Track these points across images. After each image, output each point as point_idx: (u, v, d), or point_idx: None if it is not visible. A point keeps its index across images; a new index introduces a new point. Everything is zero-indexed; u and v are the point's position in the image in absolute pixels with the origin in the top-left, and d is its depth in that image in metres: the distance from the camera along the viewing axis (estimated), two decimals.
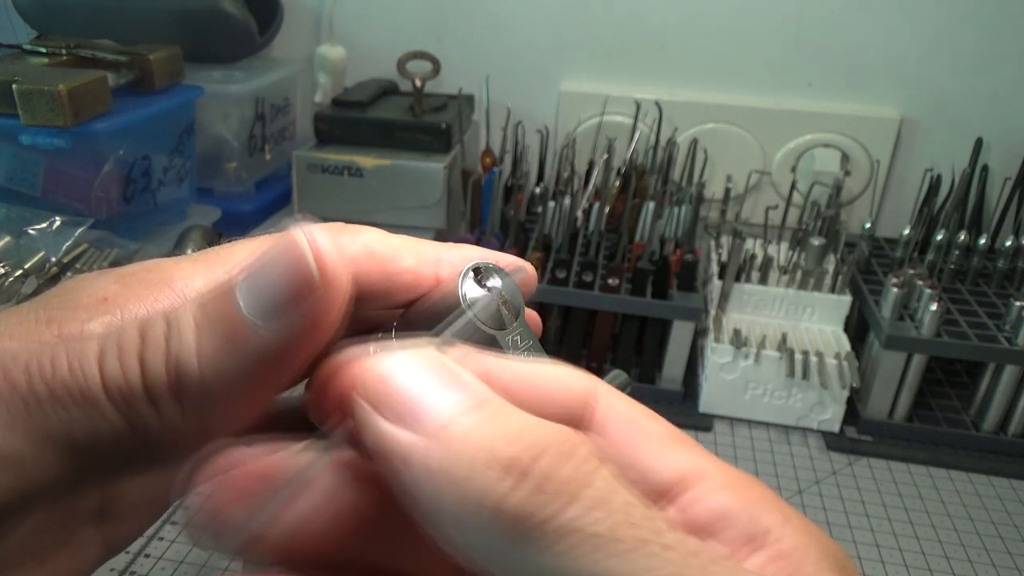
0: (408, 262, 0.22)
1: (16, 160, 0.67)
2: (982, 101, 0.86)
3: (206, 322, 0.17)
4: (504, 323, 0.21)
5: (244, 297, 0.17)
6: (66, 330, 0.18)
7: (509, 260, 0.23)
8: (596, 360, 0.75)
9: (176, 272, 0.20)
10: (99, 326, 0.19)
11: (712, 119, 0.89)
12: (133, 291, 0.19)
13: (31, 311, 0.19)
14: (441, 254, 0.23)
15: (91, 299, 0.19)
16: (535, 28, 0.91)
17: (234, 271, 0.18)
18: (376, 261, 0.21)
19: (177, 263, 0.20)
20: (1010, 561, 0.57)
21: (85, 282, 0.20)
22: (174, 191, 0.78)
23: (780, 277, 0.75)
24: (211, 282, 0.20)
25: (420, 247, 0.22)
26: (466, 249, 0.23)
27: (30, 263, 0.60)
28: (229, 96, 0.82)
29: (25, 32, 0.88)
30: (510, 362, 0.19)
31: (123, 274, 0.20)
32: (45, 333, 0.18)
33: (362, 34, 0.96)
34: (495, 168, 0.77)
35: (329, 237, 0.17)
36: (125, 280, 0.20)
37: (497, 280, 0.21)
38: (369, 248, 0.21)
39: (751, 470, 0.66)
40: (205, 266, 0.20)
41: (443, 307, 0.21)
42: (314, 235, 0.17)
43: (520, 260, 0.23)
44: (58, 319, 0.19)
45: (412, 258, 0.22)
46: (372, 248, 0.21)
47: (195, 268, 0.20)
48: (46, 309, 0.19)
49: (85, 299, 0.19)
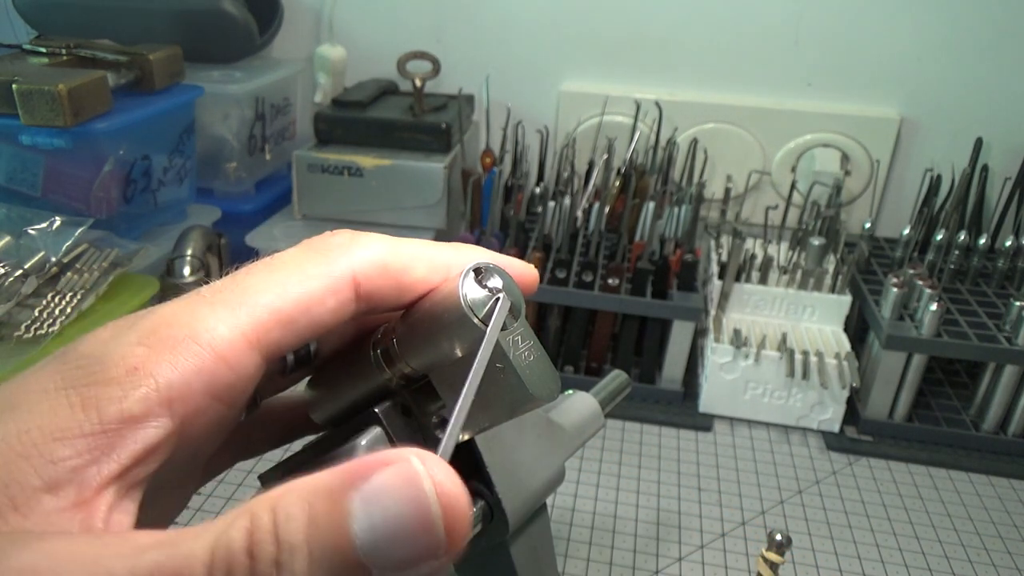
0: (420, 272, 0.22)
1: (16, 160, 0.67)
2: (982, 101, 0.86)
3: (320, 552, 0.15)
4: (504, 323, 0.21)
5: (363, 534, 0.15)
6: (106, 414, 0.17)
7: (514, 263, 0.23)
8: (596, 360, 0.75)
9: (198, 323, 0.19)
10: (138, 404, 0.18)
11: (712, 119, 0.89)
12: (161, 354, 0.18)
13: (58, 391, 0.18)
14: (451, 260, 0.22)
15: (119, 369, 0.18)
16: (535, 28, 0.91)
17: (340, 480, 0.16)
18: (389, 276, 0.21)
19: (195, 310, 0.19)
20: (1010, 561, 0.57)
21: (107, 347, 0.19)
22: (174, 191, 0.78)
23: (780, 277, 0.75)
24: (240, 332, 0.19)
25: (431, 254, 0.22)
26: (475, 252, 0.23)
27: (30, 263, 0.60)
28: (229, 96, 0.82)
29: (25, 32, 0.88)
30: None
31: (145, 333, 0.19)
32: (84, 422, 0.17)
33: (362, 34, 0.96)
34: (495, 168, 0.77)
35: (455, 480, 0.16)
36: (150, 341, 0.18)
37: (497, 280, 0.21)
38: (382, 263, 0.21)
39: (751, 470, 0.66)
40: (225, 310, 0.19)
41: (443, 308, 0.21)
42: (439, 478, 0.15)
43: (523, 263, 0.23)
44: (93, 399, 0.17)
45: (424, 267, 0.22)
46: (385, 262, 0.21)
47: (216, 313, 0.19)
48: (75, 387, 0.18)
49: (113, 370, 0.18)
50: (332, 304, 0.21)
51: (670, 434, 0.70)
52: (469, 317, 0.20)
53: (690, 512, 0.61)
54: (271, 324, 0.20)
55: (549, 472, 0.30)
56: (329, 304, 0.20)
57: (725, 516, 0.61)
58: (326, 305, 0.20)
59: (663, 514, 0.61)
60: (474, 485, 0.27)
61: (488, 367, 0.20)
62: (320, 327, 0.21)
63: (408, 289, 0.22)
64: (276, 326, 0.20)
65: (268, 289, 0.20)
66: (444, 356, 0.21)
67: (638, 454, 0.67)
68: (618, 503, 0.61)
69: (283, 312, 0.20)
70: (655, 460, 0.67)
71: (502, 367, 0.21)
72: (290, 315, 0.20)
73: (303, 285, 0.20)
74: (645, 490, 0.63)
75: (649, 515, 0.60)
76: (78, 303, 0.60)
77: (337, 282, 0.21)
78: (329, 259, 0.21)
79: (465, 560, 0.28)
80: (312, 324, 0.20)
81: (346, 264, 0.21)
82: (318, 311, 0.20)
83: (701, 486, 0.64)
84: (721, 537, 0.58)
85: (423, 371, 0.22)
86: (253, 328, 0.19)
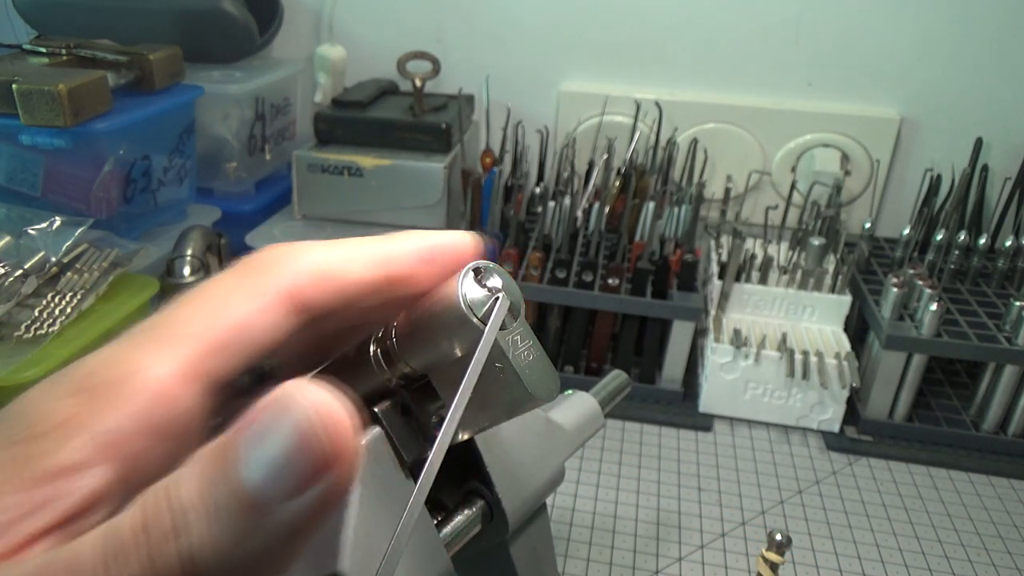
0: (358, 271, 0.21)
1: (16, 160, 0.67)
2: (982, 101, 0.86)
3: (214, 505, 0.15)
4: (504, 323, 0.21)
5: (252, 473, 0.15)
6: (37, 469, 0.17)
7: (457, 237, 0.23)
8: (596, 360, 0.75)
9: (130, 364, 0.18)
10: (72, 455, 0.17)
11: (712, 119, 0.89)
12: (93, 402, 0.18)
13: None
14: (389, 251, 0.22)
15: (50, 423, 0.17)
16: (535, 28, 0.91)
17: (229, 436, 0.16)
18: (326, 281, 0.21)
19: (125, 353, 0.19)
20: (1010, 561, 0.57)
21: (38, 403, 0.18)
22: (174, 191, 0.78)
23: (780, 277, 0.75)
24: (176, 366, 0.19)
25: (367, 250, 0.22)
26: (409, 236, 0.23)
27: (30, 263, 0.60)
28: (229, 96, 0.82)
29: (25, 32, 0.88)
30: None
31: (75, 384, 0.18)
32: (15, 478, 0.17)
33: (362, 34, 0.96)
34: (495, 168, 0.77)
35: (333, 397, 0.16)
36: (80, 391, 0.18)
37: (497, 279, 0.21)
38: (316, 271, 0.21)
39: (751, 470, 0.66)
40: (157, 347, 0.19)
41: (442, 307, 0.21)
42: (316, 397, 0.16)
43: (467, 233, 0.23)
44: (23, 456, 0.17)
45: (361, 265, 0.21)
46: (318, 269, 0.21)
47: (147, 352, 0.19)
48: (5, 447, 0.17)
49: (43, 425, 0.17)
50: (269, 322, 0.20)
51: (670, 434, 0.70)
52: (468, 317, 0.20)
53: (690, 512, 0.61)
54: (206, 353, 0.19)
55: (549, 472, 0.30)
56: (265, 322, 0.20)
57: (725, 516, 0.61)
58: (262, 324, 0.20)
59: (663, 514, 0.61)
60: (474, 485, 0.27)
61: (487, 367, 0.20)
62: (263, 346, 0.20)
63: (347, 291, 0.21)
64: (212, 354, 0.19)
65: (199, 318, 0.19)
66: (443, 356, 0.21)
67: (638, 454, 0.67)
68: (618, 503, 0.61)
69: (217, 339, 0.19)
70: (655, 460, 0.67)
71: (501, 367, 0.21)
72: (225, 341, 0.19)
73: (234, 308, 0.20)
74: (645, 490, 0.63)
75: (649, 515, 0.60)
76: (78, 303, 0.60)
77: (270, 299, 0.20)
78: (259, 277, 0.21)
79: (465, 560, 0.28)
80: (252, 345, 0.20)
81: (277, 279, 0.21)
82: (255, 332, 0.20)
83: (701, 486, 0.64)
84: (721, 537, 0.58)
85: (423, 371, 0.22)
86: (188, 361, 0.19)
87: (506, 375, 0.21)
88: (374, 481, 0.22)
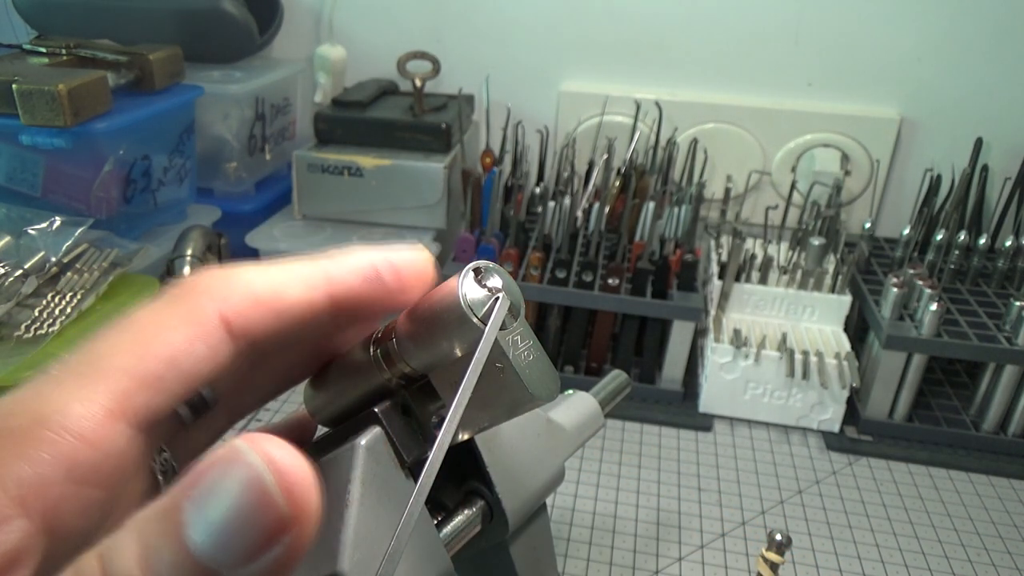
0: (295, 293, 0.20)
1: (16, 160, 0.67)
2: (982, 101, 0.86)
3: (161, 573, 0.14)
4: (504, 323, 0.21)
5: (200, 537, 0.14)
6: None
7: (406, 251, 0.22)
8: (596, 360, 0.75)
9: (45, 406, 0.17)
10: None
11: (712, 119, 0.89)
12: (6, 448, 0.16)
13: None
14: (330, 269, 0.21)
15: None
16: (535, 28, 0.91)
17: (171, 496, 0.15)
18: (262, 306, 0.20)
19: (39, 393, 0.17)
20: (1010, 561, 0.57)
21: None
22: (174, 191, 0.78)
23: (780, 277, 0.75)
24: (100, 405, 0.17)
25: (304, 270, 0.21)
26: (352, 254, 0.21)
27: (30, 263, 0.60)
28: (229, 96, 0.82)
29: (25, 32, 0.88)
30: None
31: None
32: None
33: (362, 34, 0.96)
34: (495, 168, 0.77)
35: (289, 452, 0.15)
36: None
37: (497, 280, 0.21)
38: (250, 295, 0.20)
39: (751, 470, 0.66)
40: (77, 384, 0.17)
41: (442, 307, 0.21)
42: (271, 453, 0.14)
43: (410, 250, 0.22)
44: None
45: (299, 287, 0.20)
46: (253, 293, 0.20)
47: (66, 391, 0.17)
48: None
49: None
50: (203, 351, 0.19)
51: (670, 434, 0.70)
52: (468, 317, 0.20)
53: (690, 512, 0.61)
54: (134, 389, 0.18)
55: (549, 472, 0.30)
56: (199, 352, 0.19)
57: (725, 516, 0.61)
58: (196, 353, 0.19)
59: (663, 514, 0.61)
60: (474, 485, 0.27)
61: (487, 367, 0.20)
62: (197, 377, 0.19)
63: (286, 314, 0.20)
64: (140, 390, 0.18)
65: (124, 351, 0.18)
66: (444, 356, 0.21)
67: (638, 454, 0.67)
68: (618, 503, 0.61)
69: (148, 372, 0.18)
70: (655, 460, 0.67)
71: (501, 366, 0.21)
72: (156, 373, 0.18)
73: (164, 338, 0.18)
74: (645, 490, 0.63)
75: (649, 515, 0.60)
76: (78, 303, 0.60)
77: (204, 327, 0.19)
78: (189, 304, 0.19)
79: (465, 560, 0.28)
80: (185, 377, 0.19)
81: (209, 306, 0.19)
82: (188, 362, 0.19)
83: (701, 486, 0.64)
84: (721, 537, 0.58)
85: (423, 371, 0.22)
86: (113, 398, 0.17)
87: (506, 375, 0.21)
88: (374, 481, 0.22)
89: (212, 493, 0.14)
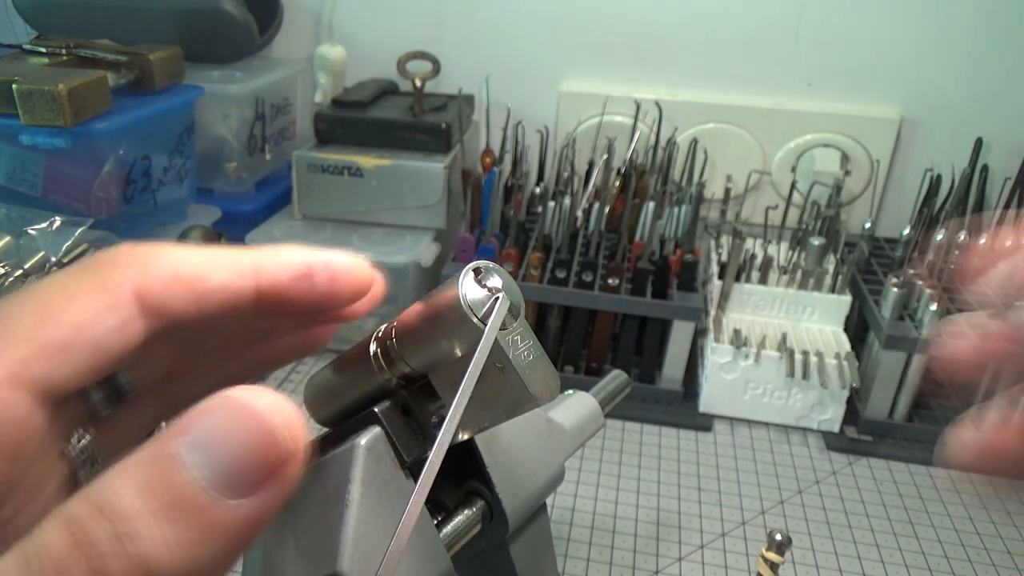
0: (220, 277, 0.20)
1: (16, 160, 0.67)
2: (982, 101, 0.86)
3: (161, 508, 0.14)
4: (504, 323, 0.21)
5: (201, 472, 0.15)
6: None
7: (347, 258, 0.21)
8: (596, 360, 0.75)
9: None
10: None
11: (712, 119, 0.89)
12: None
13: None
14: (260, 261, 0.20)
15: None
16: (535, 28, 0.91)
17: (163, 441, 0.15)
18: (181, 284, 0.19)
19: None
20: (1010, 561, 0.57)
21: None
22: (174, 191, 0.78)
23: (780, 277, 0.75)
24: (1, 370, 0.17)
25: (233, 258, 0.20)
26: (288, 251, 0.21)
27: (30, 263, 0.60)
28: (229, 96, 0.82)
29: (25, 32, 0.88)
30: None
31: None
32: None
33: (362, 34, 0.96)
34: (495, 168, 0.77)
35: (282, 398, 0.16)
36: None
37: (497, 280, 0.21)
38: (170, 272, 0.19)
39: (751, 470, 0.66)
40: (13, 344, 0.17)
41: (442, 307, 0.21)
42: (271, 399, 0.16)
43: (352, 258, 0.22)
44: None
45: (224, 272, 0.20)
46: (173, 271, 0.19)
47: None
48: None
49: None
50: (112, 322, 0.18)
51: (670, 434, 0.70)
52: (468, 317, 0.20)
53: (690, 512, 0.61)
54: (35, 355, 0.17)
55: (549, 472, 0.30)
56: (108, 323, 0.18)
57: (725, 516, 0.61)
58: (104, 325, 0.18)
59: (663, 514, 0.61)
60: (474, 485, 0.27)
61: (487, 367, 0.20)
62: (107, 352, 0.18)
63: (207, 297, 0.20)
64: (43, 357, 0.17)
65: (29, 318, 0.17)
66: (444, 356, 0.21)
67: (638, 454, 0.67)
68: (618, 503, 0.61)
69: (50, 339, 0.17)
70: (655, 460, 0.67)
71: (501, 366, 0.21)
72: (61, 342, 0.17)
73: (73, 307, 0.18)
74: (645, 490, 0.63)
75: (649, 515, 0.60)
76: None
77: (113, 297, 0.18)
78: (103, 274, 0.19)
79: (465, 560, 0.28)
80: (92, 349, 0.18)
81: (124, 277, 0.19)
82: (95, 333, 0.18)
83: (701, 486, 0.64)
84: (721, 537, 0.58)
85: (423, 371, 0.22)
86: (13, 363, 0.17)
87: (506, 375, 0.21)
88: (374, 481, 0.22)
89: (211, 435, 0.15)
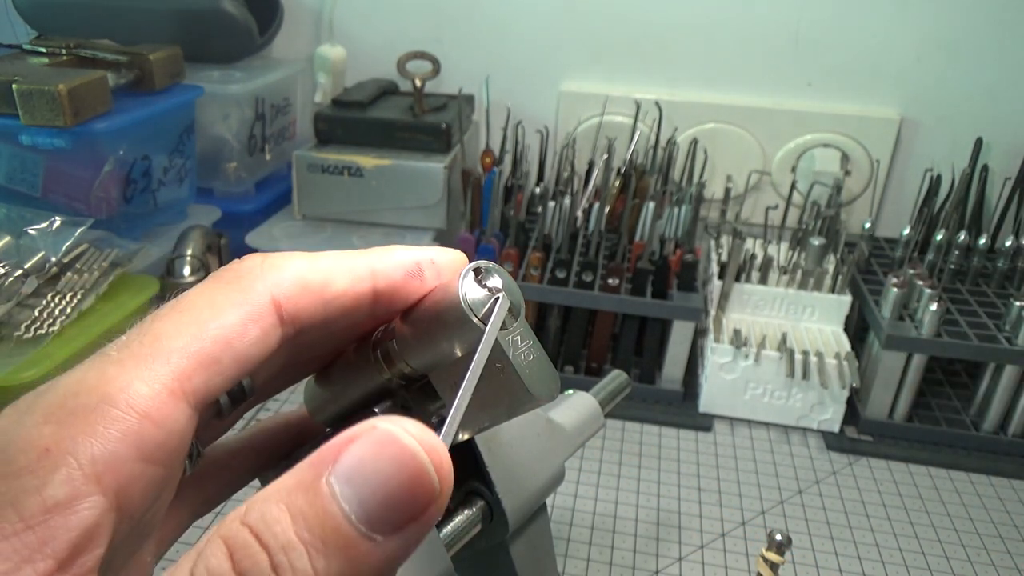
0: (342, 284, 0.21)
1: (16, 160, 0.67)
2: (982, 101, 0.86)
3: (316, 541, 0.15)
4: (504, 323, 0.21)
5: (353, 507, 0.15)
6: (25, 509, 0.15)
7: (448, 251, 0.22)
8: (596, 360, 0.75)
9: (110, 384, 0.17)
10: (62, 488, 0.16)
11: (712, 119, 0.89)
12: (74, 427, 0.16)
13: None
14: (373, 264, 0.21)
15: (29, 456, 0.16)
16: (535, 28, 0.91)
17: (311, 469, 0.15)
18: (311, 292, 0.20)
19: (103, 372, 0.17)
20: (1010, 561, 0.57)
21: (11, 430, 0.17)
22: (174, 191, 0.78)
23: (780, 277, 0.75)
24: (162, 384, 0.17)
25: (350, 263, 0.21)
26: (396, 250, 0.22)
27: (30, 263, 0.60)
28: (229, 96, 0.82)
29: (25, 32, 0.88)
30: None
31: (50, 409, 0.17)
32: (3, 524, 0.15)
33: (362, 34, 0.96)
34: (495, 168, 0.77)
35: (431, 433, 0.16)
36: (57, 416, 0.17)
37: (497, 280, 0.21)
38: (301, 280, 0.20)
39: (751, 470, 0.66)
40: (138, 364, 0.18)
41: (442, 307, 0.21)
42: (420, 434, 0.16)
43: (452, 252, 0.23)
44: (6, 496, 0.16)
45: (345, 278, 0.21)
46: (304, 279, 0.20)
47: (127, 371, 0.17)
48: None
49: (21, 459, 0.16)
50: (256, 333, 0.19)
51: (670, 434, 0.70)
52: (468, 317, 0.20)
53: (690, 512, 0.61)
54: (192, 369, 0.18)
55: (549, 472, 0.30)
56: (252, 334, 0.19)
57: (725, 516, 0.61)
58: (249, 336, 0.19)
59: (663, 514, 0.61)
60: (474, 485, 0.27)
61: (487, 367, 0.20)
62: (249, 360, 0.19)
63: (332, 303, 0.21)
64: (198, 370, 0.18)
65: (181, 332, 0.18)
66: (444, 356, 0.21)
67: (638, 454, 0.67)
68: (618, 503, 0.61)
69: (203, 353, 0.18)
70: (655, 460, 0.67)
71: (502, 367, 0.21)
72: (211, 355, 0.18)
73: (219, 320, 0.19)
74: (645, 490, 0.63)
75: (649, 515, 0.60)
76: (78, 303, 0.60)
77: (257, 309, 0.19)
78: (243, 287, 0.19)
79: (465, 560, 0.28)
80: (239, 359, 0.19)
81: (263, 288, 0.20)
82: (242, 344, 0.19)
83: (701, 486, 0.64)
84: (721, 537, 0.58)
85: (423, 371, 0.22)
86: (173, 377, 0.18)
87: (506, 375, 0.21)
88: None
89: (360, 469, 0.15)
